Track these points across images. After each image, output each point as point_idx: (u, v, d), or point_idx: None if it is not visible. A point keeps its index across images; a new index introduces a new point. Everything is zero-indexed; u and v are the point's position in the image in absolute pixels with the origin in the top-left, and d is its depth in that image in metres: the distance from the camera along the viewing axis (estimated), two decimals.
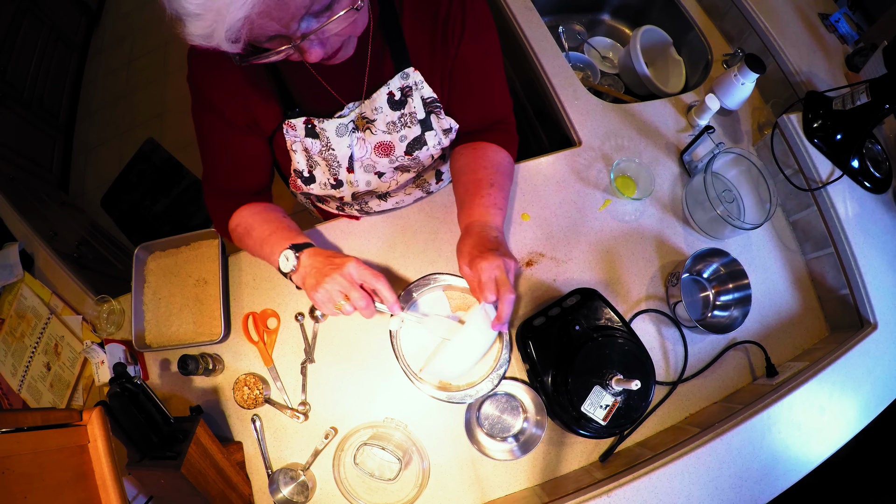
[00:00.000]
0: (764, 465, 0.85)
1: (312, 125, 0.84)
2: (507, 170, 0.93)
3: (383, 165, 0.90)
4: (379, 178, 0.93)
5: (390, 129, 0.85)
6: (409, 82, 0.83)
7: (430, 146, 0.88)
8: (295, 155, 0.88)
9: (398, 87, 0.83)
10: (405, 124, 0.85)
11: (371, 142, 0.87)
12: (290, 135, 0.85)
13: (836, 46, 1.27)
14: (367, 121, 0.85)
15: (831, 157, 1.08)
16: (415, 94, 0.84)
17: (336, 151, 0.86)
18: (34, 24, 2.52)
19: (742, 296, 1.02)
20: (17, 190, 1.75)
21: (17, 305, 1.08)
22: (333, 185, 0.91)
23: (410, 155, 0.89)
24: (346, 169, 0.89)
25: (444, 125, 0.89)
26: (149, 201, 1.62)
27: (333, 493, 0.90)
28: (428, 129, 0.87)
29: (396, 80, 0.82)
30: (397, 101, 0.84)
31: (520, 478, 0.92)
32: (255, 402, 0.95)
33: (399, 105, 0.84)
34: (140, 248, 1.05)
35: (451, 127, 0.89)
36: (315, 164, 0.89)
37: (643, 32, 1.39)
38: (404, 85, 0.83)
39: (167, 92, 2.75)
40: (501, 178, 0.90)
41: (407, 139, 0.87)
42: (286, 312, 1.02)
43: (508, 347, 0.89)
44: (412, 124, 0.86)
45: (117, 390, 0.77)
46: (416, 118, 0.85)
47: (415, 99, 0.84)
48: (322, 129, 0.84)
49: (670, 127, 1.21)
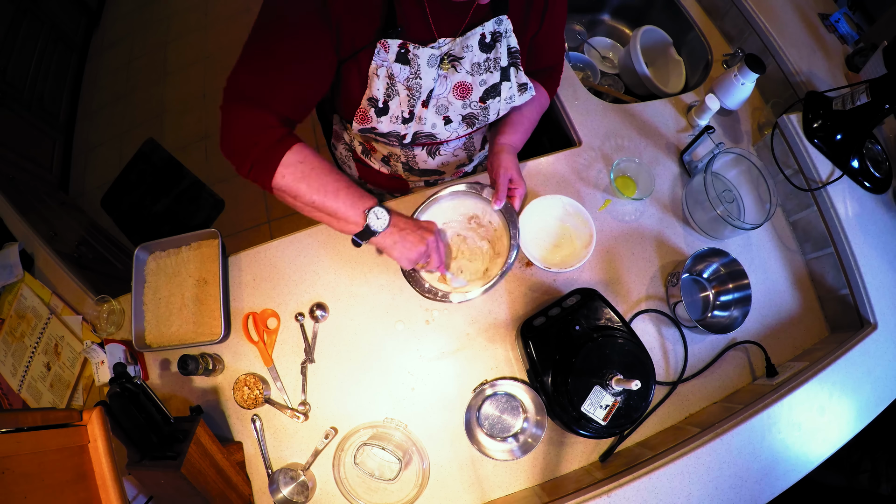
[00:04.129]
0: (764, 465, 0.85)
1: (406, 50, 0.81)
2: (544, 108, 1.10)
3: (455, 110, 0.92)
4: (445, 125, 0.93)
5: (474, 71, 0.88)
6: (501, 28, 0.86)
7: (503, 98, 0.93)
8: (376, 81, 0.84)
9: (491, 31, 0.85)
10: (488, 69, 0.89)
11: (452, 80, 0.88)
12: (380, 57, 0.81)
13: (836, 46, 1.27)
14: (454, 59, 0.86)
15: (831, 157, 1.08)
16: (503, 41, 0.87)
17: (422, 81, 0.85)
18: (34, 24, 2.52)
19: (742, 296, 1.02)
20: (17, 190, 1.76)
21: (17, 305, 1.08)
22: (406, 118, 0.89)
23: (483, 102, 0.92)
24: (422, 103, 0.88)
25: (521, 79, 0.94)
26: (149, 201, 1.61)
27: (333, 493, 0.90)
28: (506, 80, 0.91)
29: (491, 24, 0.85)
30: (487, 44, 0.86)
31: (520, 478, 0.92)
32: (255, 402, 0.95)
33: (488, 48, 0.87)
34: (140, 248, 1.05)
35: (526, 83, 0.95)
36: (394, 93, 0.86)
37: (643, 32, 1.39)
38: (496, 30, 0.86)
39: (167, 92, 2.75)
40: (538, 115, 1.08)
41: (486, 84, 0.90)
42: (286, 312, 1.02)
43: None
44: (494, 69, 0.89)
45: (117, 390, 0.77)
46: (499, 64, 0.89)
47: (502, 46, 0.88)
48: (415, 55, 0.82)
49: (670, 127, 1.21)
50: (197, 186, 1.65)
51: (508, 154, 0.99)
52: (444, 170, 1.12)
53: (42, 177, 2.40)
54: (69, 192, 2.54)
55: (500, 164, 0.97)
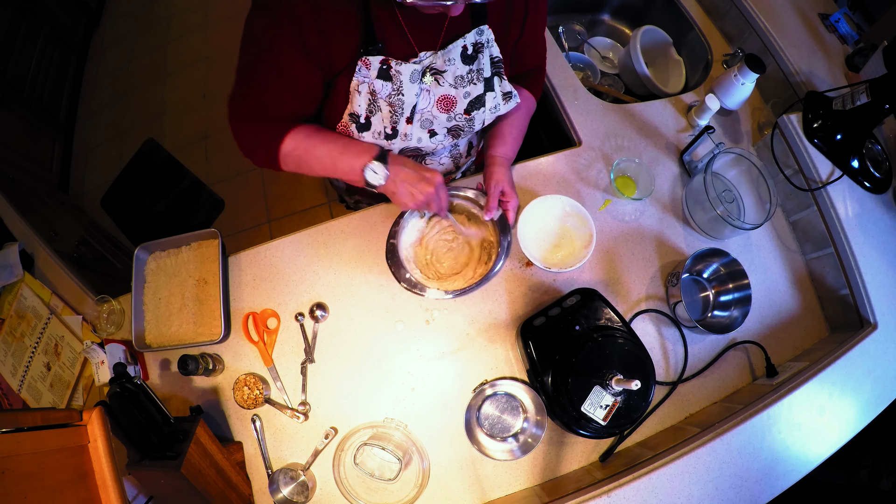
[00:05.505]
0: (764, 465, 0.85)
1: (388, 66, 0.82)
2: (531, 112, 1.09)
3: (440, 123, 0.91)
4: (430, 137, 0.93)
5: (457, 83, 0.88)
6: (482, 39, 0.86)
7: (488, 108, 0.92)
8: (357, 97, 0.85)
9: (472, 41, 0.86)
10: (471, 80, 0.89)
11: (435, 94, 0.88)
12: (361, 74, 0.82)
13: (836, 46, 1.27)
14: (437, 72, 0.86)
15: (831, 157, 1.08)
16: (485, 51, 0.87)
17: (405, 97, 0.85)
18: (34, 24, 2.52)
19: (742, 296, 1.02)
20: (17, 190, 1.76)
21: (17, 305, 1.08)
22: (389, 134, 0.89)
23: (468, 114, 0.92)
24: (405, 119, 0.88)
25: (505, 88, 0.94)
26: (149, 201, 1.62)
27: (333, 493, 0.90)
28: (490, 90, 0.91)
29: (472, 35, 0.85)
30: (469, 56, 0.86)
31: (520, 478, 0.92)
32: (255, 402, 0.95)
33: (470, 60, 0.87)
34: (140, 248, 1.05)
35: (510, 91, 0.94)
36: (376, 109, 0.87)
37: (643, 32, 1.39)
38: (478, 41, 0.86)
39: (167, 92, 2.75)
40: (526, 121, 1.08)
41: (470, 96, 0.90)
42: (286, 312, 1.02)
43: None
44: (478, 81, 0.89)
45: (117, 390, 0.77)
46: (482, 76, 0.89)
47: (484, 56, 0.87)
48: (397, 71, 0.83)
49: (670, 127, 1.21)
50: (197, 186, 1.65)
51: (501, 167, 0.99)
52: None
53: (42, 177, 2.40)
54: (69, 192, 2.54)
55: (491, 177, 0.98)
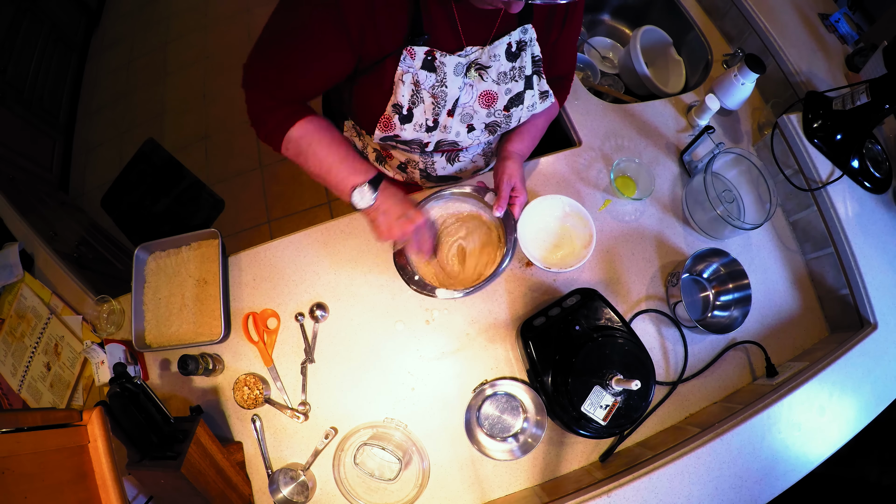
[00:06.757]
0: (764, 465, 0.85)
1: (433, 57, 0.82)
2: (552, 117, 1.11)
3: (479, 118, 0.92)
4: (468, 132, 0.94)
5: (500, 80, 0.89)
6: (526, 37, 0.87)
7: (526, 105, 0.94)
8: (401, 87, 0.84)
9: (517, 39, 0.87)
10: (513, 77, 0.90)
11: (478, 89, 0.89)
12: (406, 63, 0.82)
13: (836, 46, 1.27)
14: (481, 67, 0.87)
15: (831, 157, 1.08)
16: (528, 49, 0.89)
17: (448, 89, 0.85)
18: (34, 24, 2.52)
19: (742, 296, 1.02)
20: (17, 190, 1.76)
21: (17, 305, 1.08)
22: (430, 126, 0.89)
23: (507, 111, 0.93)
24: (447, 112, 0.88)
25: (543, 87, 0.95)
26: (149, 201, 1.62)
27: (333, 493, 0.90)
28: (529, 88, 0.92)
29: (517, 32, 0.86)
30: (513, 53, 0.87)
31: (520, 478, 0.92)
32: (255, 402, 0.95)
33: (513, 57, 0.88)
34: (140, 248, 1.05)
35: (547, 91, 0.96)
36: (419, 100, 0.86)
37: (643, 32, 1.39)
38: (522, 39, 0.87)
39: (167, 92, 2.75)
40: (546, 124, 1.09)
41: (511, 93, 0.91)
42: (286, 312, 1.02)
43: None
44: (519, 78, 0.90)
45: (117, 390, 0.77)
46: (523, 73, 0.90)
47: (527, 54, 0.89)
48: (442, 62, 0.83)
49: (670, 127, 1.21)
50: (197, 186, 1.65)
51: (514, 162, 0.99)
52: (462, 176, 1.12)
53: (42, 177, 2.40)
54: (69, 192, 2.54)
55: (504, 171, 0.98)
